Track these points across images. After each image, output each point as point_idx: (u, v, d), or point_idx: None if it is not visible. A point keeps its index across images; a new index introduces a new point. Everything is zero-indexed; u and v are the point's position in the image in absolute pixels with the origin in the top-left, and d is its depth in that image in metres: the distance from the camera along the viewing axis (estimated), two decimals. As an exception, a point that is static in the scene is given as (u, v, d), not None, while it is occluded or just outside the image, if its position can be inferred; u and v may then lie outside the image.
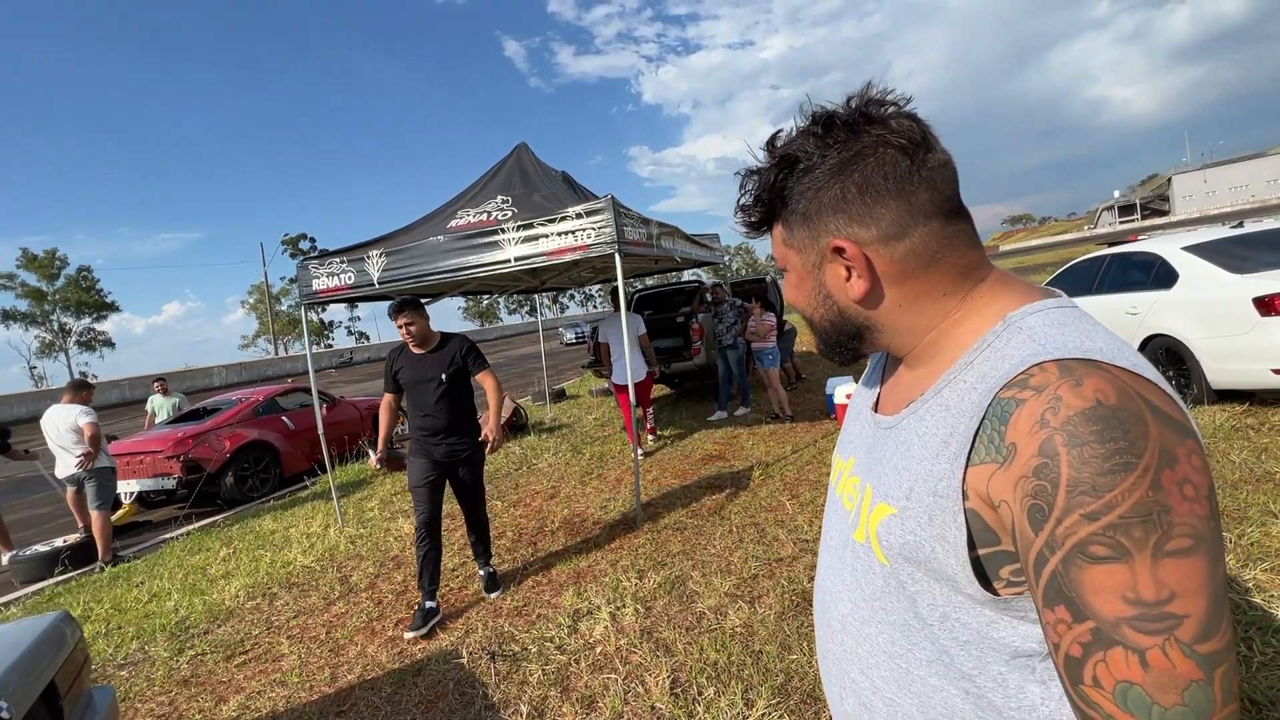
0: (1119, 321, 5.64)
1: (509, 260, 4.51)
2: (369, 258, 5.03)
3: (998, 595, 0.56)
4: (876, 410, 0.76)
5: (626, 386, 4.59)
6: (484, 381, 3.61)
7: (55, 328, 43.40)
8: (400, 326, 3.47)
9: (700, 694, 2.43)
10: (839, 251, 0.65)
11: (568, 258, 4.34)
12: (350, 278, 5.10)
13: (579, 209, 4.32)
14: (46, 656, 1.93)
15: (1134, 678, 0.45)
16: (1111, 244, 7.23)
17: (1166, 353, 5.15)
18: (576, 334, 33.37)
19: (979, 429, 0.55)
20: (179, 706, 2.95)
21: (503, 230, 4.50)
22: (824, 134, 0.64)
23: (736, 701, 2.34)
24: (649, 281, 11.13)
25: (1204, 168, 70.76)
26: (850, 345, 0.71)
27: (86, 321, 44.79)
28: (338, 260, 5.14)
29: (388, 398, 3.66)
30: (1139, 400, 0.49)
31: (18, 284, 41.42)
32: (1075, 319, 0.58)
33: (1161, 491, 0.46)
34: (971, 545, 0.56)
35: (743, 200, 0.70)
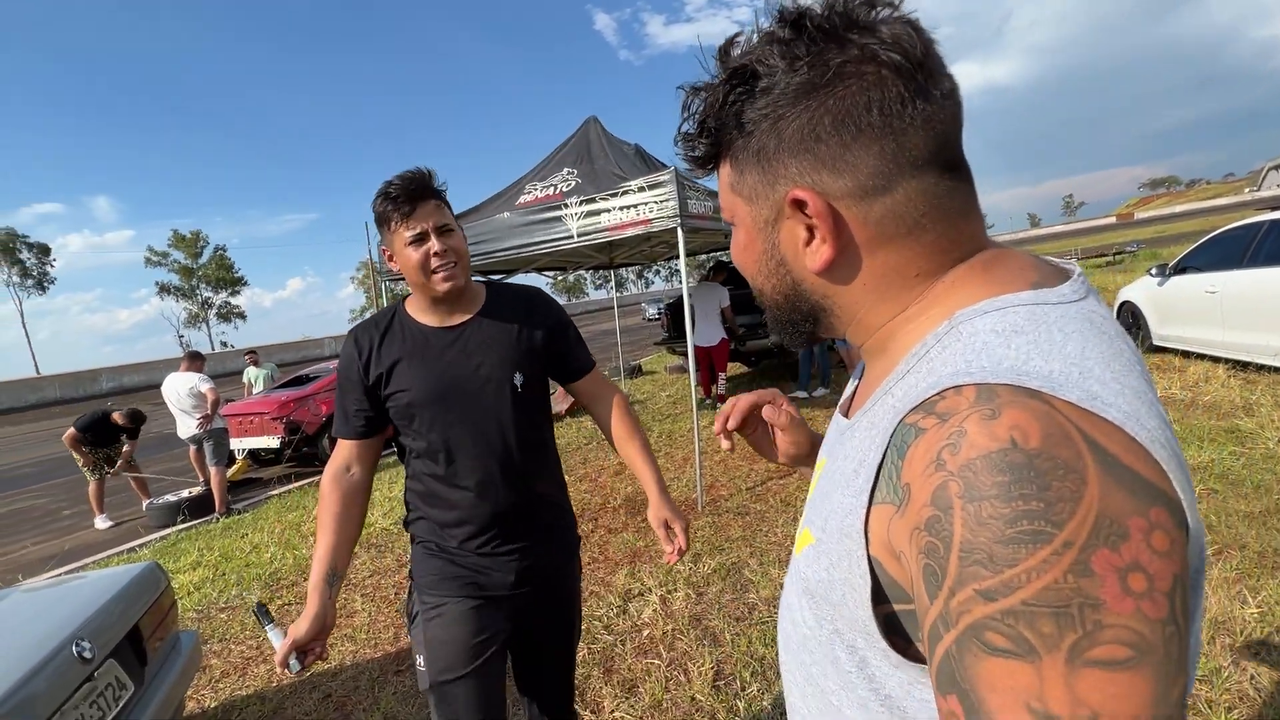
0: (1276, 300, 4.81)
1: (571, 235, 4.47)
2: (443, 235, 5.17)
3: (916, 662, 0.44)
4: (847, 409, 0.62)
5: (708, 347, 5.22)
6: (595, 396, 1.56)
7: (199, 300, 48.95)
8: (411, 240, 1.31)
9: (743, 689, 2.33)
10: (799, 205, 0.49)
11: (629, 233, 4.24)
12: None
13: (641, 181, 4.19)
14: (131, 603, 2.13)
15: None
16: (1275, 208, 6.16)
17: (1337, 337, 4.34)
18: (658, 309, 33.43)
19: (882, 461, 0.44)
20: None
21: (566, 205, 4.46)
22: (791, 41, 0.47)
23: (780, 701, 2.22)
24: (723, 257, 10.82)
25: None
26: (803, 327, 0.56)
27: (224, 295, 50.19)
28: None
29: (340, 454, 1.44)
30: (1082, 446, 0.36)
31: (171, 261, 46.99)
32: (1045, 324, 0.42)
33: (1089, 578, 0.33)
34: (880, 599, 0.45)
35: (684, 127, 0.53)
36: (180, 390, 5.94)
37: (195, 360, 6.21)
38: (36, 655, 1.69)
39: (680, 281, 4.87)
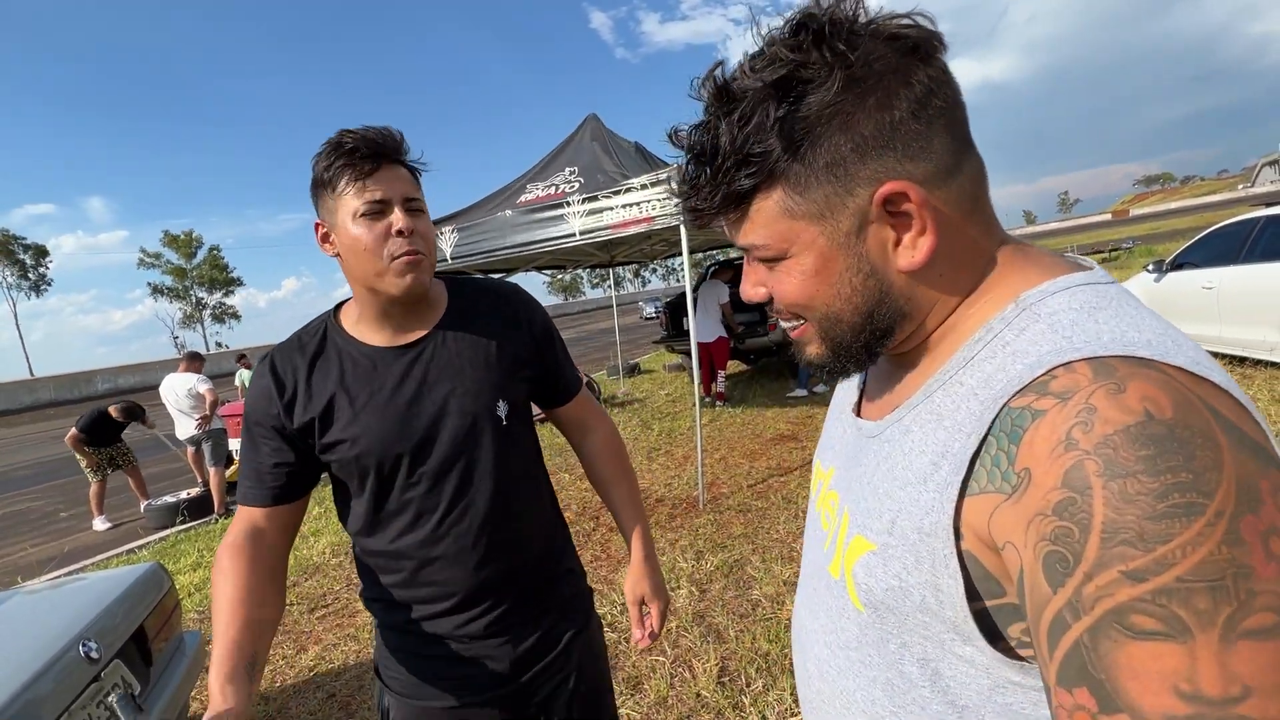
0: (1272, 295, 4.84)
1: (574, 234, 4.46)
2: (441, 234, 5.16)
3: (1016, 658, 0.44)
4: (859, 412, 0.61)
5: (706, 344, 5.74)
6: (581, 424, 1.25)
7: (193, 301, 48.78)
8: (365, 211, 0.94)
9: (748, 685, 2.33)
10: (892, 201, 0.46)
11: (631, 230, 4.24)
12: (425, 253, 5.26)
13: (643, 179, 4.19)
14: (137, 603, 2.13)
15: None
16: (1269, 204, 6.20)
17: (1333, 332, 4.37)
18: (656, 308, 33.45)
19: (980, 448, 0.42)
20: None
21: (568, 203, 4.46)
22: (825, 42, 0.44)
23: (785, 696, 2.22)
24: (732, 253, 10.87)
25: (1400, 112, 59.58)
26: (873, 348, 0.52)
27: (218, 296, 50.04)
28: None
29: (243, 523, 1.01)
30: (1206, 413, 0.35)
31: (163, 262, 46.80)
32: (1114, 300, 0.43)
33: (1241, 546, 0.33)
34: (973, 595, 0.43)
35: (721, 161, 0.47)
36: (179, 391, 5.92)
37: (194, 361, 6.19)
38: (44, 656, 1.68)
39: (679, 279, 4.87)
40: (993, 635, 0.44)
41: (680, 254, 8.94)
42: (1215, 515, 0.33)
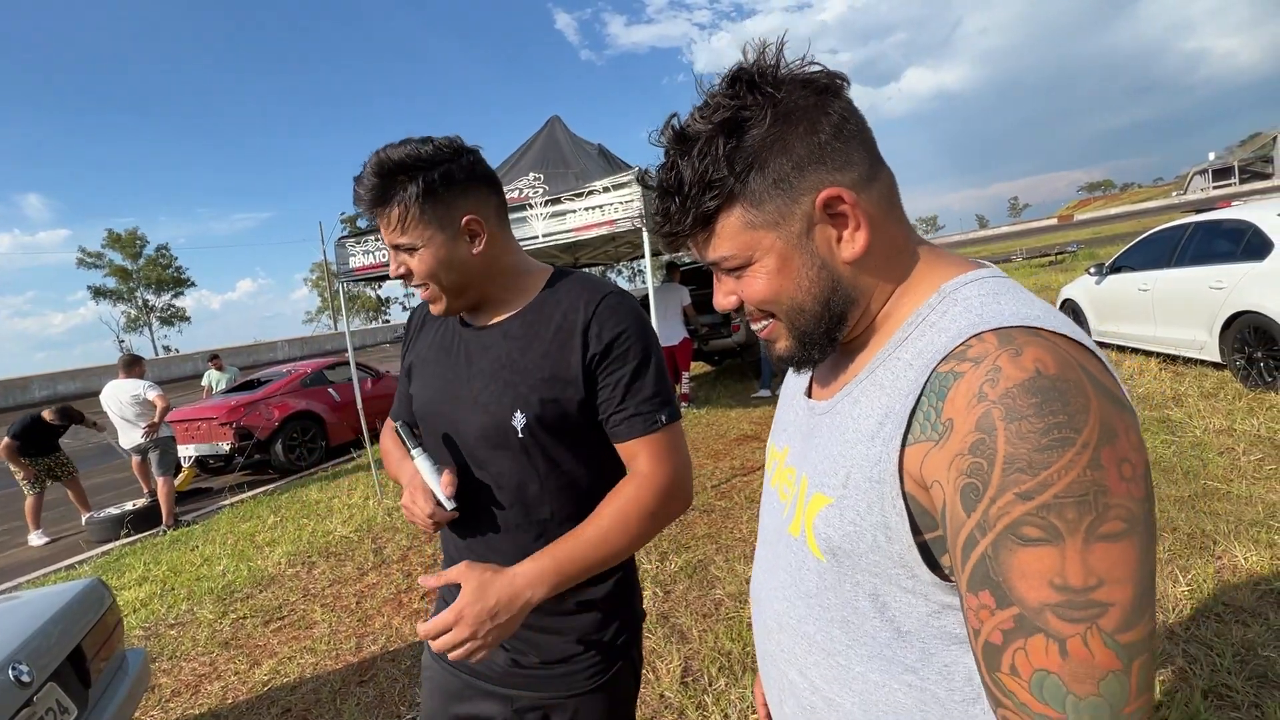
0: (1201, 297, 5.13)
1: (536, 236, 4.44)
2: (402, 235, 5.07)
3: (947, 580, 0.53)
4: (810, 395, 0.71)
5: (670, 346, 5.84)
6: (630, 461, 1.00)
7: (139, 304, 46.63)
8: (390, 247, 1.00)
9: (711, 684, 2.36)
10: (831, 204, 0.56)
11: (594, 233, 4.24)
12: (384, 255, 5.16)
13: (605, 183, 4.20)
14: (73, 622, 2.03)
15: (1051, 666, 0.44)
16: (1198, 211, 6.58)
17: (1255, 332, 4.66)
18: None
19: (915, 406, 0.52)
20: (218, 667, 3.10)
21: (530, 205, 4.43)
22: (755, 87, 0.55)
23: (747, 694, 2.26)
24: (686, 258, 10.93)
25: (1316, 125, 63.80)
26: (833, 334, 0.61)
27: (167, 298, 47.94)
28: (373, 238, 5.21)
29: (390, 436, 1.20)
30: (1079, 370, 0.47)
31: (106, 263, 44.59)
32: (1011, 288, 0.56)
33: (1100, 470, 0.44)
34: (915, 530, 0.53)
35: (687, 190, 0.56)
36: (123, 398, 5.65)
37: (134, 366, 5.91)
38: (-31, 681, 1.59)
39: (643, 282, 4.89)
40: (931, 565, 0.53)
41: (641, 256, 9.00)
42: (1083, 446, 0.44)
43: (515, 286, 1.05)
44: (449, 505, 0.96)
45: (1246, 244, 4.84)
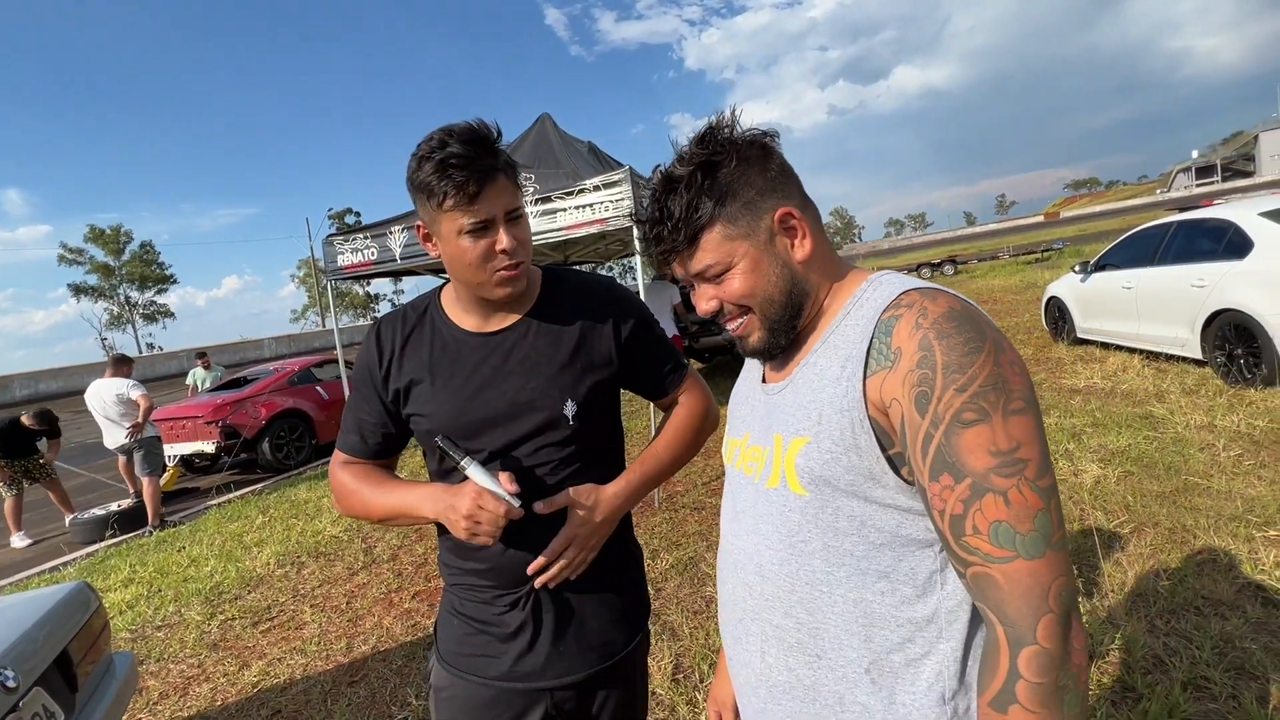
0: (1183, 295, 5.20)
1: (526, 234, 4.43)
2: (391, 233, 5.04)
3: (908, 484, 0.67)
4: (764, 383, 0.85)
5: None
6: (672, 405, 1.23)
7: (122, 300, 45.96)
8: (470, 229, 0.96)
9: (702, 681, 2.38)
10: (786, 219, 0.75)
11: (583, 232, 4.24)
12: (374, 253, 5.13)
13: (595, 181, 4.19)
14: (59, 625, 2.01)
15: (1001, 515, 0.58)
16: (1181, 209, 6.67)
17: (1235, 329, 4.74)
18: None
19: (870, 347, 0.69)
20: (206, 669, 3.08)
21: (520, 203, 4.42)
22: (716, 143, 0.75)
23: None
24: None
25: (1296, 124, 64.84)
26: (794, 321, 0.77)
27: (150, 294, 47.27)
28: (361, 236, 5.18)
29: (342, 457, 1.16)
30: (973, 308, 0.67)
31: (87, 259, 43.88)
32: (908, 276, 0.75)
33: (1001, 366, 0.62)
34: (881, 447, 0.67)
35: (679, 216, 0.74)
36: (107, 398, 5.58)
37: (122, 365, 5.84)
38: (-47, 687, 1.57)
39: (633, 279, 4.89)
40: (895, 473, 0.68)
41: (633, 254, 9.00)
42: (988, 352, 0.62)
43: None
44: (517, 502, 0.95)
45: (1227, 243, 4.92)
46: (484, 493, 0.94)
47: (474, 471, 0.96)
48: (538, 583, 1.02)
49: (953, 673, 0.66)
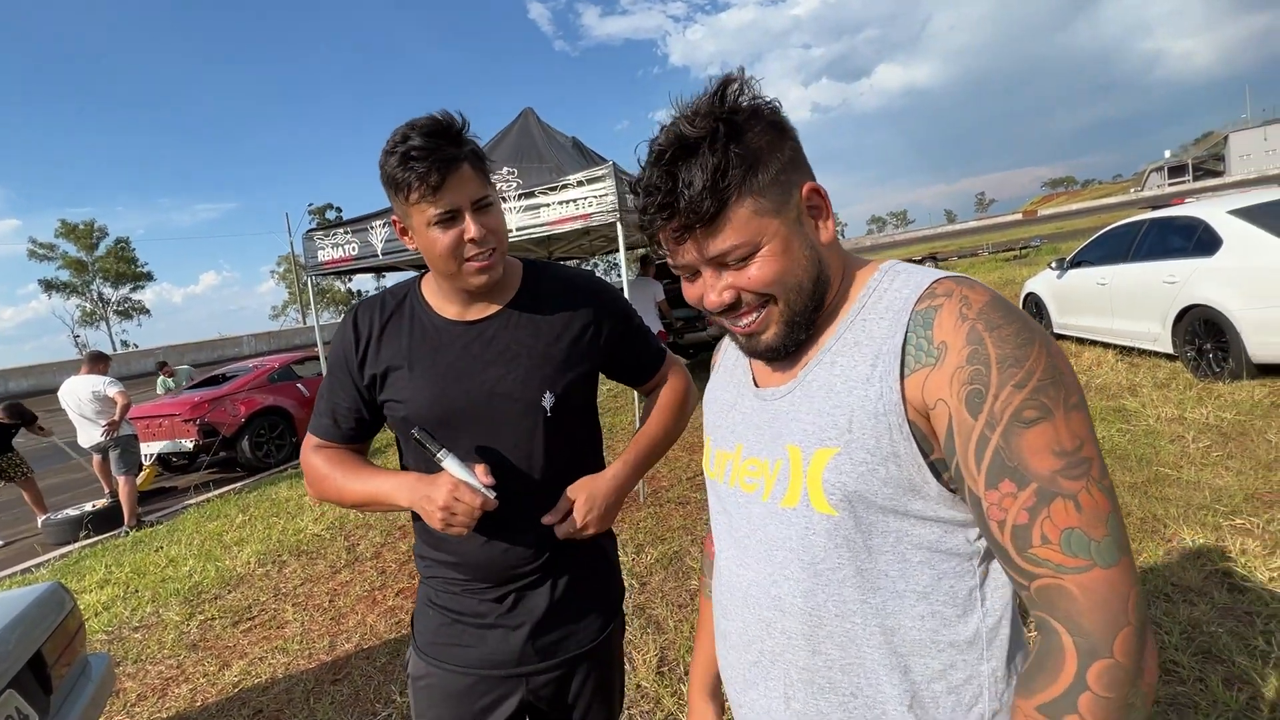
0: (1156, 291, 5.32)
1: (510, 230, 4.40)
2: (373, 228, 4.99)
3: (951, 491, 0.61)
4: (758, 387, 0.76)
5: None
6: (654, 390, 1.27)
7: (95, 297, 44.89)
8: (437, 219, 0.97)
9: (686, 673, 2.40)
10: (812, 196, 0.66)
11: (567, 227, 4.23)
12: (354, 249, 5.07)
13: (579, 176, 4.18)
14: (32, 627, 1.97)
15: (1073, 522, 0.52)
16: (1154, 207, 6.82)
17: (1205, 324, 4.86)
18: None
19: (904, 341, 0.61)
20: (185, 669, 3.04)
21: (504, 199, 4.39)
22: (737, 104, 0.64)
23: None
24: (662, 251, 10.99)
25: (1265, 124, 66.59)
26: (815, 313, 0.68)
27: (124, 291, 46.24)
28: (342, 231, 5.11)
29: (314, 440, 1.14)
30: (1008, 299, 0.61)
31: (59, 254, 42.77)
32: (926, 267, 0.69)
33: (1055, 357, 0.57)
34: (922, 453, 0.61)
35: (703, 185, 0.61)
36: (82, 395, 5.45)
37: (98, 362, 5.72)
38: (-77, 690, 1.54)
39: (617, 275, 4.89)
40: (938, 480, 0.62)
41: (617, 249, 9.00)
42: (1040, 343, 0.57)
43: (502, 280, 1.08)
44: (492, 495, 0.96)
45: (1197, 240, 5.03)
46: (460, 484, 0.94)
47: (450, 463, 0.96)
48: (559, 533, 1.05)
49: (994, 693, 0.62)
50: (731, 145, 0.61)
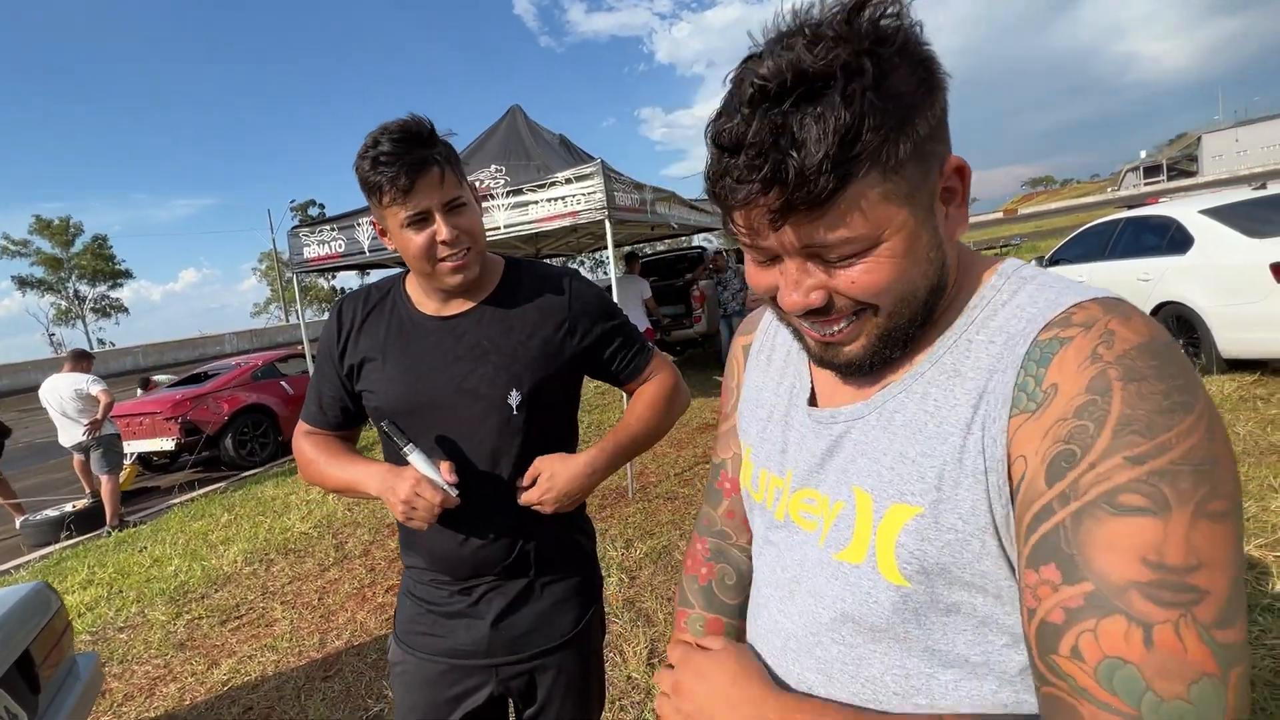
0: (1130, 288, 5.46)
1: (499, 227, 4.42)
2: (359, 225, 4.97)
3: None
4: (815, 405, 0.61)
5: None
6: (639, 389, 1.23)
7: (71, 294, 43.99)
8: (409, 221, 1.00)
9: (676, 665, 2.44)
10: (953, 176, 0.50)
11: (555, 224, 4.25)
12: (341, 245, 5.05)
13: (568, 174, 4.20)
14: (19, 626, 1.96)
15: (1130, 655, 0.37)
16: (1130, 207, 6.98)
17: (1177, 321, 5.00)
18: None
19: (1018, 380, 0.47)
20: (173, 668, 3.03)
21: (492, 196, 4.40)
22: (878, 29, 0.44)
23: (711, 673, 2.35)
24: (659, 247, 11.07)
25: (1236, 125, 68.15)
26: (923, 323, 0.53)
27: (102, 289, 45.33)
28: (328, 228, 5.09)
29: (305, 427, 1.20)
30: (1176, 343, 0.44)
31: (33, 251, 41.82)
32: (1060, 275, 0.53)
33: (1215, 441, 0.40)
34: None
35: (824, 149, 0.42)
36: (64, 394, 5.36)
37: (81, 360, 5.62)
38: (-87, 689, 1.53)
39: (605, 273, 4.93)
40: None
41: (605, 247, 9.01)
42: (1200, 414, 0.41)
43: (481, 277, 1.10)
44: (454, 491, 0.98)
45: (1170, 239, 5.17)
46: (422, 480, 0.97)
47: (415, 458, 0.99)
48: (519, 499, 1.05)
49: None
50: (871, 94, 0.42)
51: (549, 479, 1.05)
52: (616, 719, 2.20)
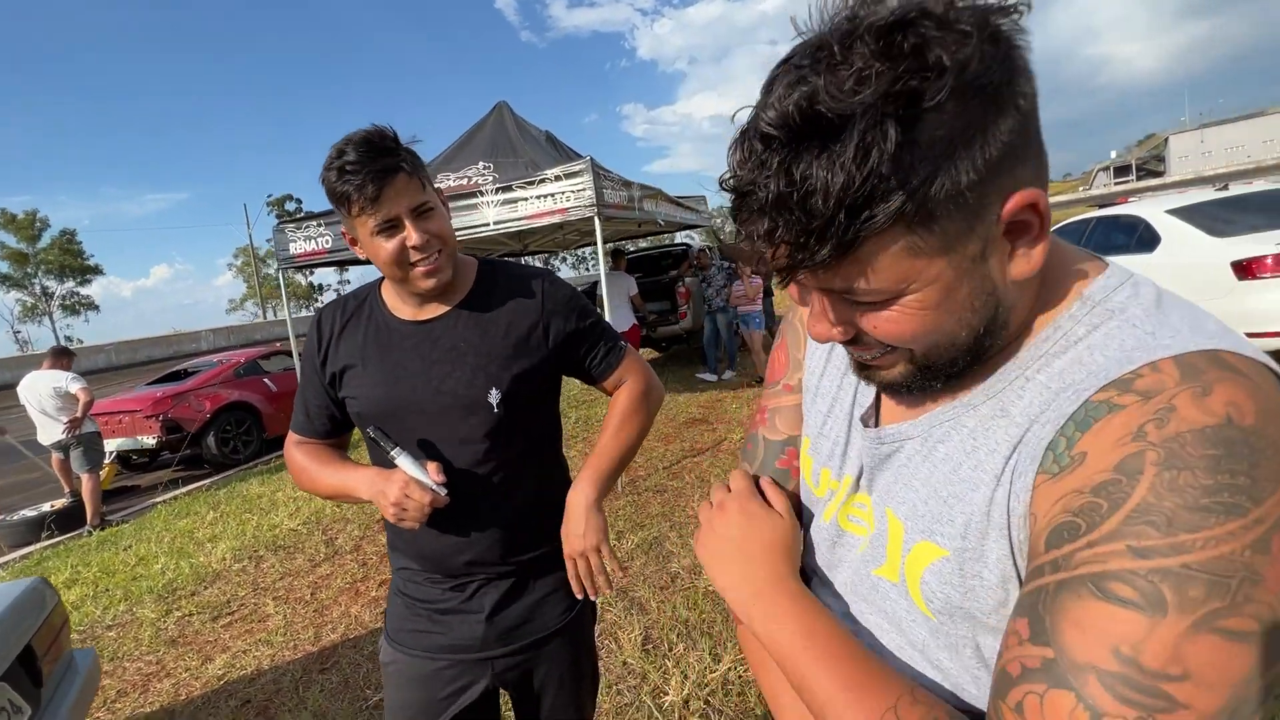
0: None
1: (488, 224, 4.45)
2: (346, 221, 4.96)
3: None
4: (877, 416, 0.58)
5: (621, 333, 5.11)
6: (615, 388, 1.26)
7: (38, 291, 42.76)
8: (379, 229, 1.02)
9: (670, 649, 2.52)
10: (1020, 215, 0.41)
11: (546, 221, 4.29)
12: (328, 241, 5.03)
13: (557, 171, 4.24)
14: (20, 621, 1.97)
15: None
16: (1101, 206, 7.21)
17: (1145, 317, 5.20)
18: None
19: (1050, 439, 0.42)
20: (166, 665, 3.03)
21: (481, 193, 4.42)
22: (919, 51, 0.36)
23: (705, 656, 2.43)
24: (642, 243, 11.14)
25: (1202, 127, 70.06)
26: (972, 362, 0.48)
27: (70, 285, 44.14)
28: (315, 224, 5.07)
29: (295, 437, 1.23)
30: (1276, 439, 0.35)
31: (-2, 246, 40.58)
32: (1170, 293, 0.44)
33: (1264, 555, 0.34)
34: None
35: (831, 206, 0.38)
36: (43, 391, 5.27)
37: (61, 357, 5.53)
38: (-77, 681, 1.55)
39: (591, 268, 4.98)
40: None
41: (591, 243, 9.05)
42: (1255, 521, 0.34)
43: (455, 279, 1.12)
44: (443, 491, 1.01)
45: (1139, 237, 5.37)
46: (411, 481, 0.99)
47: (403, 461, 1.01)
48: (591, 594, 1.10)
49: None
50: (895, 143, 0.36)
51: (578, 539, 1.08)
52: (614, 703, 2.27)
